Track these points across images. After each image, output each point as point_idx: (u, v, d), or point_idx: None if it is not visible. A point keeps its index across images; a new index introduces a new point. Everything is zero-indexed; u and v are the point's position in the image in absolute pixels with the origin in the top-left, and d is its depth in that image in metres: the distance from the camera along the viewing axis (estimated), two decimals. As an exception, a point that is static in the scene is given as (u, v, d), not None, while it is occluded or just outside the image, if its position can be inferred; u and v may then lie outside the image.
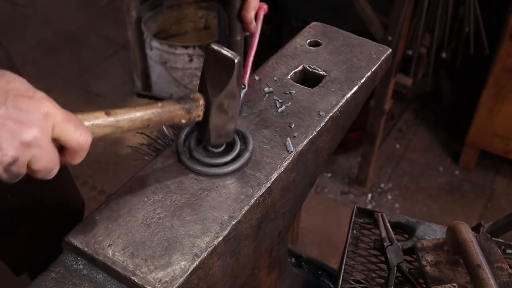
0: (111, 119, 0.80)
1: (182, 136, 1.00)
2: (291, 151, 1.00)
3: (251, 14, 1.06)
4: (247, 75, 1.12)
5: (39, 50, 3.39)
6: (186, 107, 0.89)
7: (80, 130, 0.74)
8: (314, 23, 1.31)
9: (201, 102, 0.90)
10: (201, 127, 0.94)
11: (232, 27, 1.08)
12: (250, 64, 1.13)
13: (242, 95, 1.07)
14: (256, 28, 1.15)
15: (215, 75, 0.90)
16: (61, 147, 0.74)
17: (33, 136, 0.68)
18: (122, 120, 0.81)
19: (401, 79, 2.48)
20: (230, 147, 0.98)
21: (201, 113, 0.91)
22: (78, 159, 0.76)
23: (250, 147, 0.98)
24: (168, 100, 0.88)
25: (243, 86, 1.09)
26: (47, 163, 0.72)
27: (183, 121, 0.89)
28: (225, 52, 0.88)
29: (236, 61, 0.87)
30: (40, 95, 0.71)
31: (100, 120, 0.79)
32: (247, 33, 1.10)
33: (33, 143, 0.69)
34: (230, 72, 0.88)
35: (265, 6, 1.18)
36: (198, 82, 0.93)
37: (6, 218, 1.22)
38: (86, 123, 0.77)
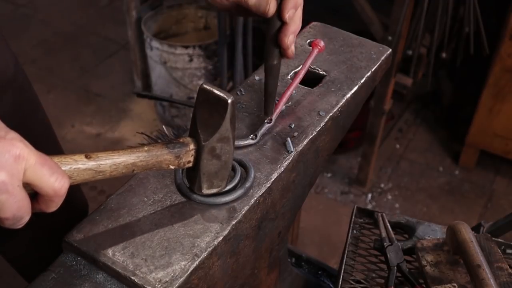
0: (91, 163, 0.74)
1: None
2: (291, 151, 1.00)
3: (289, 39, 0.95)
4: (278, 110, 1.05)
5: (39, 50, 3.39)
6: (174, 151, 0.82)
7: (56, 175, 0.67)
8: (314, 23, 1.31)
9: (192, 146, 0.84)
10: (192, 173, 0.88)
11: (268, 50, 0.98)
12: (284, 99, 1.06)
13: (265, 128, 1.03)
14: (305, 64, 1.09)
15: (207, 117, 0.84)
16: (34, 193, 0.68)
17: (0, 180, 0.62)
18: (104, 165, 0.75)
19: (401, 79, 2.48)
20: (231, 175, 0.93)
21: (191, 158, 0.85)
22: (53, 207, 0.70)
23: (249, 183, 0.93)
24: (155, 144, 0.82)
25: (269, 121, 1.03)
26: (16, 210, 0.65)
27: (172, 167, 0.83)
28: (217, 92, 0.82)
29: (229, 101, 0.81)
30: (13, 135, 0.65)
31: (80, 164, 0.72)
32: (285, 58, 1.01)
33: (0, 188, 0.62)
34: (223, 113, 0.82)
35: (321, 44, 1.11)
36: (198, 82, 0.91)
37: None
38: (64, 167, 0.71)
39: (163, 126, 1.48)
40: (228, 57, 2.60)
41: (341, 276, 1.19)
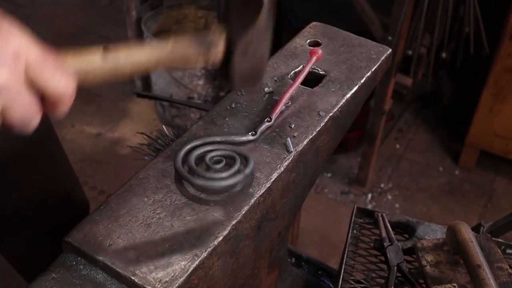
0: (109, 59, 0.65)
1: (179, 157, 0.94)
2: (291, 151, 1.00)
3: None
4: (278, 110, 1.05)
5: (39, 50, 3.39)
6: (203, 47, 0.72)
7: (60, 75, 0.59)
8: (314, 23, 1.31)
9: (222, 42, 0.74)
10: (223, 70, 0.78)
11: None
12: (284, 101, 1.06)
13: (265, 126, 1.03)
14: (304, 69, 1.10)
15: (240, 10, 0.74)
16: (41, 94, 0.61)
17: (2, 79, 0.54)
18: (124, 65, 0.66)
19: (401, 79, 2.48)
20: (229, 165, 0.93)
21: (221, 54, 0.75)
22: (61, 109, 0.62)
23: (248, 169, 0.92)
24: (181, 37, 0.72)
25: (269, 120, 1.03)
26: (24, 111, 0.58)
27: (199, 64, 0.74)
28: None
29: None
30: (9, 26, 0.57)
31: (95, 61, 0.64)
32: None
33: (3, 87, 0.55)
34: (259, 7, 0.71)
35: (319, 52, 1.13)
36: (198, 82, 0.88)
37: (11, 219, 1.22)
38: (77, 65, 0.63)
39: (163, 126, 1.48)
40: (228, 57, 2.59)
41: (341, 276, 1.19)
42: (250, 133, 1.02)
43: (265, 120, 1.04)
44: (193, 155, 0.94)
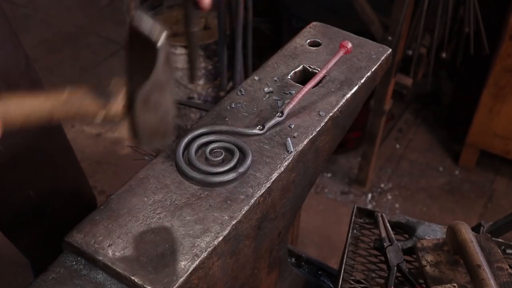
0: None
1: (180, 147, 0.97)
2: (291, 151, 1.00)
3: None
4: (291, 105, 1.04)
5: (39, 50, 3.39)
6: (101, 99, 0.69)
7: None
8: (314, 23, 1.31)
9: (121, 95, 0.70)
10: (129, 124, 0.73)
11: (187, 11, 0.90)
12: (300, 96, 1.05)
13: (274, 121, 1.03)
14: (329, 63, 1.09)
15: (138, 62, 0.70)
16: None
17: None
18: (14, 112, 0.65)
19: (401, 79, 2.48)
20: (228, 159, 0.96)
21: (121, 107, 0.72)
22: None
23: (242, 168, 0.94)
24: (78, 88, 0.69)
25: (280, 115, 1.03)
26: None
27: (98, 117, 0.70)
28: (148, 29, 0.65)
29: (159, 44, 0.65)
30: None
31: None
32: (201, 11, 0.90)
33: None
34: (153, 57, 0.66)
35: (349, 45, 1.10)
36: (198, 83, 0.89)
37: (27, 214, 1.24)
38: None
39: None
40: (228, 57, 2.60)
41: (341, 276, 1.19)
42: (258, 127, 1.02)
43: (276, 115, 1.03)
44: (195, 144, 0.96)
